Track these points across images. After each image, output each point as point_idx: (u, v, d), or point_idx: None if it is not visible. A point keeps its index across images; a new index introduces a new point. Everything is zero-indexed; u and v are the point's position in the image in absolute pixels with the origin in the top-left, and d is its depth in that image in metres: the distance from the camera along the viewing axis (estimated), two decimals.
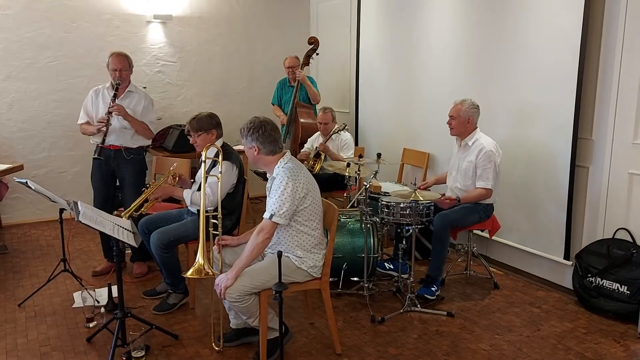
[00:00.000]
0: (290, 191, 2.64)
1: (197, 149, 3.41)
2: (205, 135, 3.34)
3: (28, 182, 3.08)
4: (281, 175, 2.69)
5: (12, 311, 3.47)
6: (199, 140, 3.35)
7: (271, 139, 2.74)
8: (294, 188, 2.65)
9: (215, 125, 3.38)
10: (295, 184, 2.66)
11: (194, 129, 3.35)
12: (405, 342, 3.11)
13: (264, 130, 2.72)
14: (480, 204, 3.71)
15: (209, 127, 3.35)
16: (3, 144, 5.24)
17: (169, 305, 3.47)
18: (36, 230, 5.23)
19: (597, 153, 3.59)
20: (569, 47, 3.56)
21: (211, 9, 6.09)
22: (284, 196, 2.64)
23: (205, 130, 3.34)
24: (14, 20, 5.15)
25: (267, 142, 2.73)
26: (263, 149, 2.74)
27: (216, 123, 3.39)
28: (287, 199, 2.64)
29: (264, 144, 2.73)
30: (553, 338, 3.15)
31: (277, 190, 2.66)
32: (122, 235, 2.82)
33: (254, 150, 2.75)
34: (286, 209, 2.64)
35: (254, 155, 2.77)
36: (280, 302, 2.39)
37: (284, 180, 2.66)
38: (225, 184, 3.26)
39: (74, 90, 5.49)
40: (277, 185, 2.68)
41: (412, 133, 5.06)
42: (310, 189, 2.74)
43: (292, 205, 2.66)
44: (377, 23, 5.44)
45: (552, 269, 3.90)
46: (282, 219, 2.65)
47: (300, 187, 2.68)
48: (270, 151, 2.75)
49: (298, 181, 2.68)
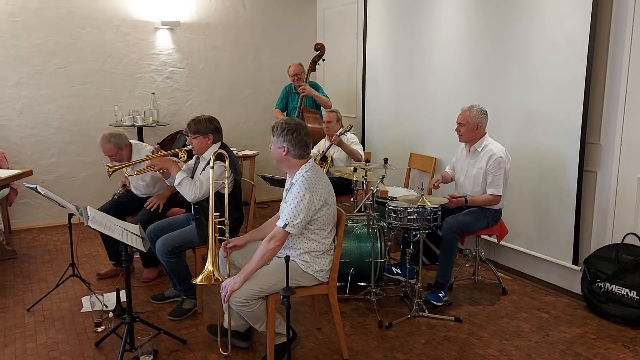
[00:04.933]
0: (306, 203, 2.64)
1: (192, 151, 3.40)
2: (202, 138, 3.32)
3: (38, 188, 3.10)
4: (299, 184, 2.67)
5: (21, 316, 3.49)
6: (194, 142, 3.34)
7: (303, 144, 2.73)
8: (311, 200, 2.65)
9: (213, 130, 3.36)
10: (312, 196, 2.65)
11: (192, 131, 3.34)
12: (413, 347, 3.10)
13: (298, 134, 2.71)
14: (488, 209, 3.70)
15: (206, 131, 3.33)
16: (12, 149, 5.29)
17: (184, 310, 3.48)
18: (45, 235, 5.26)
19: (605, 158, 3.57)
20: (576, 51, 3.55)
21: (218, 15, 6.13)
22: (300, 207, 2.63)
23: (202, 134, 3.32)
24: (24, 27, 5.21)
25: (297, 146, 2.71)
26: (292, 151, 2.72)
27: (215, 128, 3.37)
28: (302, 210, 2.64)
29: (295, 147, 2.71)
30: (562, 344, 3.13)
31: (293, 200, 2.65)
32: (130, 240, 2.83)
33: (282, 150, 2.73)
34: (300, 220, 2.64)
35: (281, 155, 2.74)
36: (288, 307, 2.39)
37: (301, 191, 2.64)
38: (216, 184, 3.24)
39: (82, 96, 5.55)
40: (294, 194, 2.66)
41: (419, 138, 5.06)
42: (327, 200, 2.74)
43: (307, 217, 2.66)
44: (383, 28, 5.46)
45: (561, 274, 3.88)
46: (295, 229, 2.66)
47: (317, 198, 2.67)
48: (298, 155, 2.73)
49: (315, 193, 2.67)
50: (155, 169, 3.41)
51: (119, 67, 5.68)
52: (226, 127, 6.10)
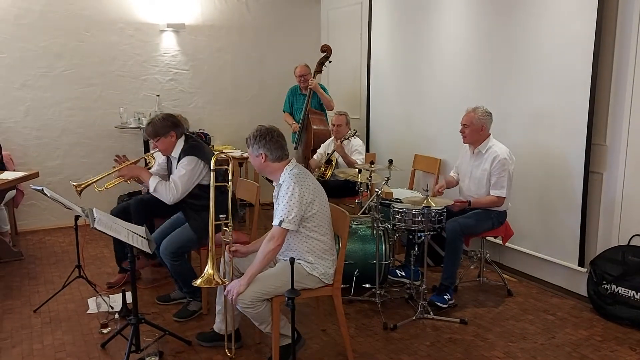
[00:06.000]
0: (297, 196, 2.65)
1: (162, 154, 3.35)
2: (164, 139, 3.28)
3: (44, 190, 3.12)
4: (287, 181, 2.71)
5: (27, 317, 3.51)
6: (159, 145, 3.30)
7: (278, 145, 2.76)
8: (301, 193, 2.67)
9: (172, 126, 3.30)
10: (302, 189, 2.67)
11: (151, 135, 3.29)
12: (418, 349, 3.09)
13: (270, 137, 2.74)
14: (493, 211, 3.69)
15: (165, 131, 3.28)
16: (18, 151, 5.32)
17: (189, 312, 3.48)
18: (51, 236, 5.28)
19: (611, 159, 3.56)
20: (582, 52, 3.54)
21: (223, 17, 6.14)
22: (292, 202, 2.65)
23: (162, 135, 3.28)
24: (30, 29, 5.24)
25: (274, 149, 2.74)
26: (270, 155, 2.75)
27: (172, 124, 3.30)
28: (295, 205, 2.65)
29: (271, 151, 2.74)
30: (568, 346, 3.12)
31: (284, 197, 2.67)
32: (136, 242, 2.84)
33: (261, 157, 2.76)
34: (295, 214, 2.65)
35: (261, 163, 2.78)
36: (293, 309, 2.40)
37: (290, 186, 2.67)
38: (190, 177, 3.25)
39: (88, 98, 5.57)
40: (284, 191, 2.69)
41: (424, 139, 5.06)
42: (317, 195, 2.75)
43: (300, 211, 2.67)
44: (388, 29, 5.46)
45: (567, 275, 3.86)
46: (292, 224, 2.66)
47: (307, 192, 2.69)
48: (277, 157, 2.76)
49: (305, 186, 2.69)
50: (126, 179, 3.37)
51: (124, 69, 5.70)
52: (231, 129, 6.22)
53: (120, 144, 5.73)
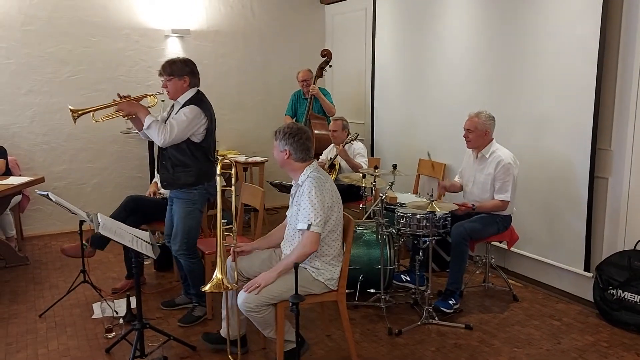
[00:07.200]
0: (320, 201, 2.69)
1: (168, 96, 3.23)
2: (177, 80, 3.15)
3: (49, 195, 3.13)
4: (309, 184, 2.73)
5: (33, 322, 3.52)
6: (169, 85, 3.18)
7: (304, 147, 2.79)
8: (323, 198, 2.71)
9: (189, 73, 3.18)
10: (323, 193, 2.72)
11: (166, 72, 3.16)
12: (423, 354, 3.08)
13: (299, 138, 2.77)
14: (497, 215, 3.68)
15: (180, 73, 3.15)
16: (24, 156, 5.35)
17: (194, 317, 3.48)
18: (56, 241, 5.30)
19: (616, 164, 3.54)
20: (586, 56, 3.53)
21: (227, 23, 6.17)
22: (316, 206, 2.68)
23: (177, 76, 3.15)
24: (36, 35, 5.28)
25: (299, 150, 2.78)
26: (294, 154, 2.78)
27: (190, 70, 3.19)
28: (319, 208, 2.69)
29: (296, 151, 2.78)
30: (574, 352, 3.10)
31: (307, 201, 2.69)
32: (140, 247, 2.85)
33: (284, 154, 2.79)
34: (320, 218, 2.69)
35: (284, 158, 2.81)
36: (297, 314, 2.40)
37: (312, 190, 2.70)
38: (188, 125, 3.12)
39: (93, 104, 5.55)
40: (306, 195, 2.71)
41: (428, 144, 5.04)
42: (335, 201, 2.79)
43: (324, 215, 2.71)
44: (392, 34, 5.47)
45: (572, 281, 3.84)
46: (319, 228, 2.69)
47: (327, 196, 2.73)
48: (300, 158, 2.80)
49: (325, 190, 2.74)
50: (123, 114, 3.24)
51: (130, 75, 5.73)
52: (235, 134, 6.23)
53: (126, 148, 5.76)
